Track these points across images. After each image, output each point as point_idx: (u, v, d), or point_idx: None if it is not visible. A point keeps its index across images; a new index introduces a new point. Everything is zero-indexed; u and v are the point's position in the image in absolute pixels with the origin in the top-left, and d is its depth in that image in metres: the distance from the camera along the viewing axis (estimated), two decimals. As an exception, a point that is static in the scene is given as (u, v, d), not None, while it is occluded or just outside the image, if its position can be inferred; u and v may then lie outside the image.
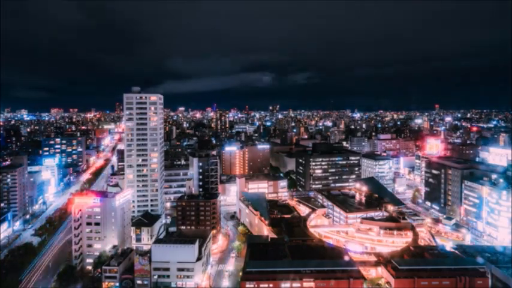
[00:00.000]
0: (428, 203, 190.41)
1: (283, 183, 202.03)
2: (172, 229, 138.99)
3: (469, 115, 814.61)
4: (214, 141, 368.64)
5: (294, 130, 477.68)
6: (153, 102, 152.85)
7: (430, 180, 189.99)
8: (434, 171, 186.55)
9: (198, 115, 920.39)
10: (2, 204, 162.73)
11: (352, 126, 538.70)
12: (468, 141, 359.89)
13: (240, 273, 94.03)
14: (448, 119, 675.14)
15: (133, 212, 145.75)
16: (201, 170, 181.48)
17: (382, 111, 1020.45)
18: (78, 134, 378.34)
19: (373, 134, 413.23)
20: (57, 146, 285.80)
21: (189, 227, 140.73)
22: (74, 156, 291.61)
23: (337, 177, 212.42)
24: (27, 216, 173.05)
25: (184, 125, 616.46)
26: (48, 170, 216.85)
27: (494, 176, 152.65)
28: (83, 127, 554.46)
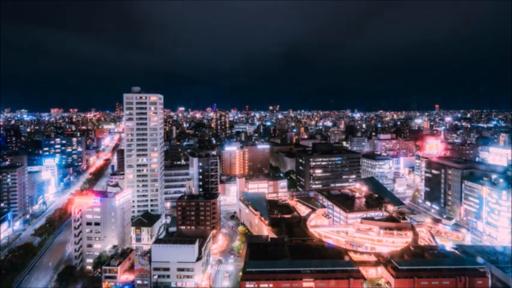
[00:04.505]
0: (428, 203, 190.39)
1: (283, 183, 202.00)
2: (172, 229, 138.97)
3: (469, 115, 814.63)
4: (214, 141, 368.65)
5: (294, 130, 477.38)
6: (153, 102, 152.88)
7: (430, 180, 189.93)
8: (434, 171, 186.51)
9: (198, 115, 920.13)
10: (2, 204, 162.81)
11: (352, 124, 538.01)
12: (468, 141, 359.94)
13: (240, 273, 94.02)
14: (448, 119, 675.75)
15: (133, 212, 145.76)
16: (201, 170, 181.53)
17: (382, 111, 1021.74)
18: (78, 134, 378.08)
19: (373, 134, 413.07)
20: (57, 146, 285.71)
21: (189, 227, 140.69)
22: (74, 156, 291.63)
23: (337, 177, 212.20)
24: (27, 216, 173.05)
25: (184, 125, 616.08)
26: (48, 170, 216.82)
27: (494, 176, 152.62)
28: (83, 127, 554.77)
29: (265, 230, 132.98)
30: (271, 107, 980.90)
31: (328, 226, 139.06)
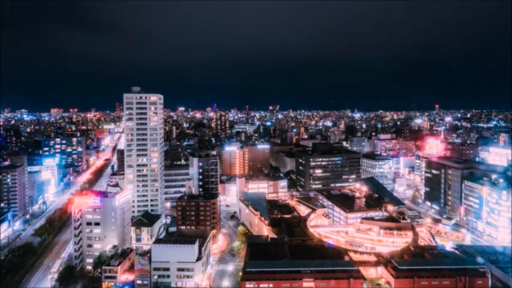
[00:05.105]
0: (428, 203, 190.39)
1: (283, 183, 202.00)
2: (172, 229, 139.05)
3: (469, 115, 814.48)
4: (214, 141, 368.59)
5: (294, 130, 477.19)
6: (153, 102, 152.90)
7: (430, 180, 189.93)
8: (434, 171, 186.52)
9: (198, 115, 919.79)
10: (2, 204, 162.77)
11: (352, 124, 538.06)
12: (468, 141, 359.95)
13: (240, 273, 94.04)
14: (448, 119, 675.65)
15: (133, 212, 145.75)
16: (201, 170, 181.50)
17: (382, 111, 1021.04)
18: (78, 134, 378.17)
19: (373, 134, 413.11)
20: (57, 146, 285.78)
21: (189, 227, 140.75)
22: (74, 156, 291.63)
23: (337, 177, 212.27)
24: (27, 216, 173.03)
25: (184, 125, 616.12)
26: (48, 170, 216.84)
27: (494, 176, 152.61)
28: (83, 127, 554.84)
29: (265, 230, 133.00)
30: (271, 107, 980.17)
31: (328, 226, 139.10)
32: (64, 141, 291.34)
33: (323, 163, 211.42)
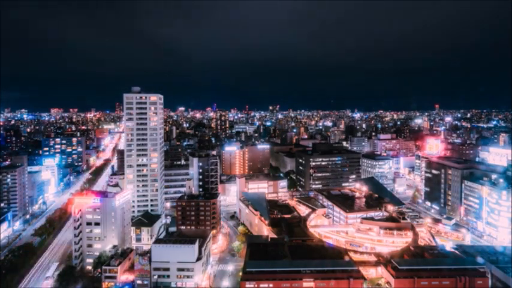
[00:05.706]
0: (428, 203, 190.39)
1: (283, 183, 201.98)
2: (172, 229, 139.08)
3: (469, 115, 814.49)
4: (214, 141, 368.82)
5: (294, 130, 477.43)
6: (153, 102, 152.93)
7: (430, 180, 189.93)
8: (434, 171, 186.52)
9: (198, 115, 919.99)
10: (2, 204, 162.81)
11: (352, 124, 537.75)
12: (468, 141, 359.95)
13: (240, 273, 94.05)
14: (448, 119, 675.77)
15: (133, 212, 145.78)
16: (201, 170, 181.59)
17: (382, 111, 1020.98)
18: (78, 134, 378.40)
19: (373, 134, 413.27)
20: (57, 146, 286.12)
21: (189, 227, 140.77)
22: (74, 156, 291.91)
23: (337, 177, 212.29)
24: (27, 216, 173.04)
25: (184, 125, 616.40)
26: (48, 170, 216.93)
27: (494, 176, 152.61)
28: (83, 127, 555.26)
29: (265, 230, 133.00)
30: (271, 107, 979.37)
31: (328, 226, 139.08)
32: (64, 141, 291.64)
33: (323, 163, 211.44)
